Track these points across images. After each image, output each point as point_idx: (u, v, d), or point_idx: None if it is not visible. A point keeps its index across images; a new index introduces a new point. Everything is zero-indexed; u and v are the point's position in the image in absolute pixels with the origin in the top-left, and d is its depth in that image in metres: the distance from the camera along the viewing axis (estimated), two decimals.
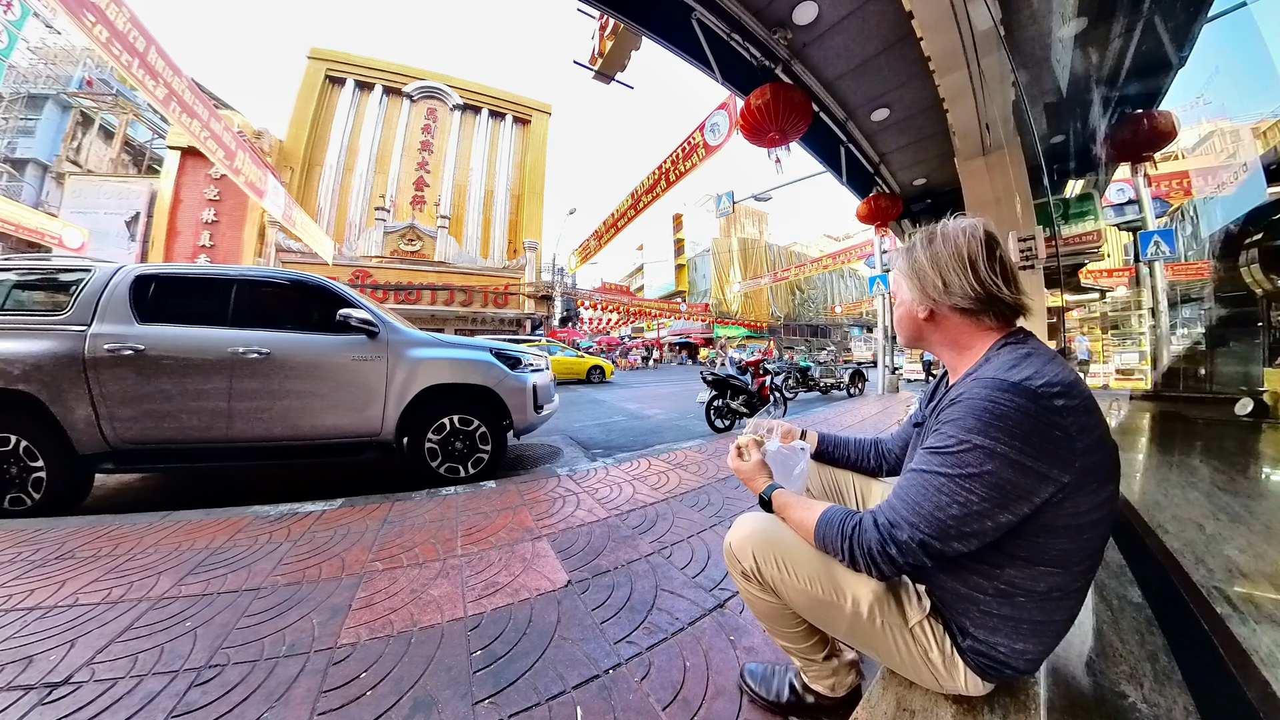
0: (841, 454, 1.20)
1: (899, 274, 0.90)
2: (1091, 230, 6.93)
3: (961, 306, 0.79)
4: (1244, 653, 0.90)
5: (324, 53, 21.59)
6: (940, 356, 0.90)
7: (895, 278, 0.92)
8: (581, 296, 25.03)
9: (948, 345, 0.86)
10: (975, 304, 0.78)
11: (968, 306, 0.79)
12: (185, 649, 1.31)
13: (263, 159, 10.91)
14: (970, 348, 0.82)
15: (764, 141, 4.38)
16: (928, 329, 0.87)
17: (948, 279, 0.79)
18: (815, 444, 1.19)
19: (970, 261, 0.77)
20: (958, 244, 0.79)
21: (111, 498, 3.09)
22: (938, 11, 3.36)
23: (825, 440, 1.21)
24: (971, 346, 0.82)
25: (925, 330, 0.87)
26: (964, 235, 0.79)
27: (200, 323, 2.80)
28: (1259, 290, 3.98)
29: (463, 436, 3.16)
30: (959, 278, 0.78)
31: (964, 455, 0.67)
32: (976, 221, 0.81)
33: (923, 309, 0.85)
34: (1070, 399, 0.65)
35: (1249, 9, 3.47)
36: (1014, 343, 0.77)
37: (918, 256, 0.84)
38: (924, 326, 0.87)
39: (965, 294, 0.78)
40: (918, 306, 0.85)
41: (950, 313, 0.82)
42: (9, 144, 18.92)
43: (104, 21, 4.89)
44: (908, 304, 0.88)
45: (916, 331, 0.89)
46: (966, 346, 0.83)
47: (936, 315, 0.84)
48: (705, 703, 1.09)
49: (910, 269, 0.85)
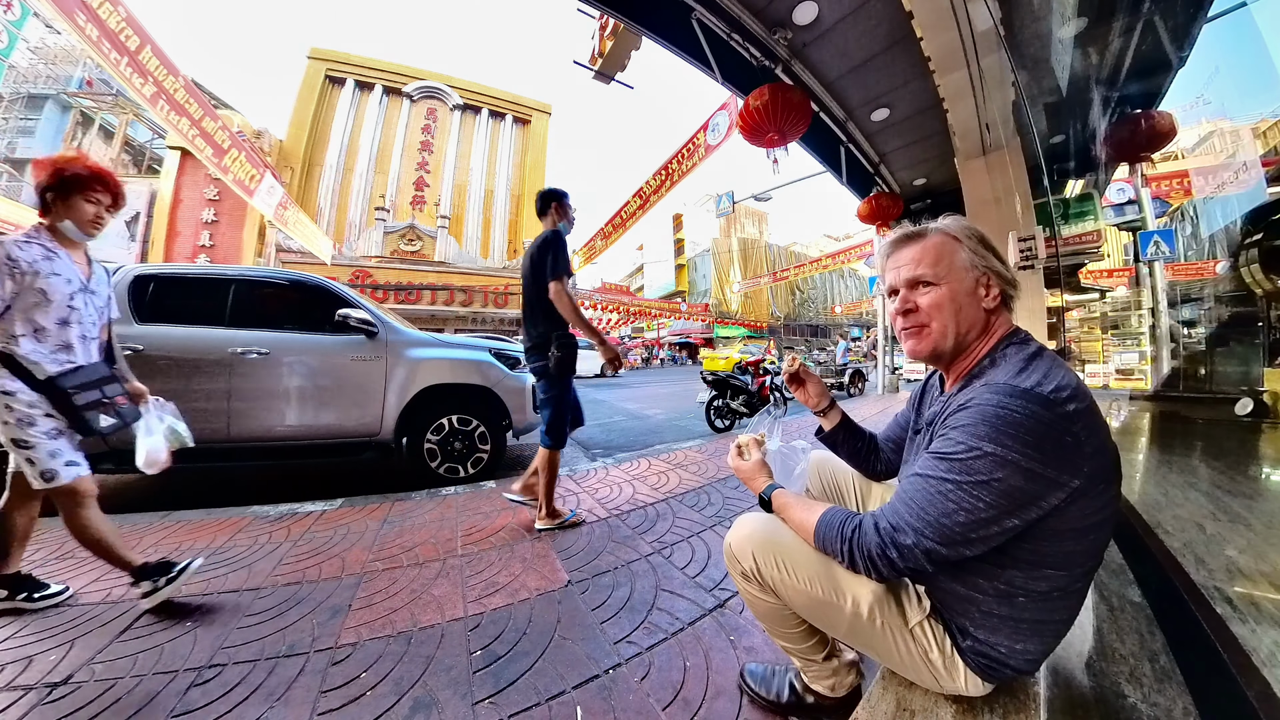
0: (856, 441, 1.16)
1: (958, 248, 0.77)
2: (1091, 230, 6.92)
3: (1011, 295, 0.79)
4: (1244, 653, 0.90)
5: (324, 53, 21.59)
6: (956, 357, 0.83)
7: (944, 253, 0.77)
8: (581, 296, 25.02)
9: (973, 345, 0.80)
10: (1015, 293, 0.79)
11: (1012, 294, 0.79)
12: (185, 649, 1.31)
13: (262, 159, 10.92)
14: (979, 343, 0.80)
15: (763, 142, 4.38)
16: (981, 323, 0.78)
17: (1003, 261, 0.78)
18: (838, 420, 1.17)
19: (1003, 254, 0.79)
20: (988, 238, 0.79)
21: (111, 498, 3.09)
22: (938, 11, 3.36)
23: (848, 421, 1.17)
24: (979, 341, 0.80)
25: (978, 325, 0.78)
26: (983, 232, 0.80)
27: (199, 323, 2.80)
28: (1259, 290, 3.98)
29: (462, 436, 3.16)
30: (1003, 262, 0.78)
31: (974, 462, 0.66)
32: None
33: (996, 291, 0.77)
34: (1079, 403, 0.65)
35: (1249, 9, 3.47)
36: (1018, 342, 0.76)
37: (975, 232, 0.78)
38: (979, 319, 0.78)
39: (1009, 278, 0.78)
40: (989, 290, 0.77)
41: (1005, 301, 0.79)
42: (9, 144, 18.89)
43: (95, 20, 4.90)
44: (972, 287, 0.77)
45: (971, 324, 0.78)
46: (976, 341, 0.80)
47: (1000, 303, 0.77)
48: (705, 703, 1.09)
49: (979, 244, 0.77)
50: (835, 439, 1.18)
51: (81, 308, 1.59)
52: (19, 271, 1.44)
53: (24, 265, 1.45)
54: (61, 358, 1.52)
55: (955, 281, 0.77)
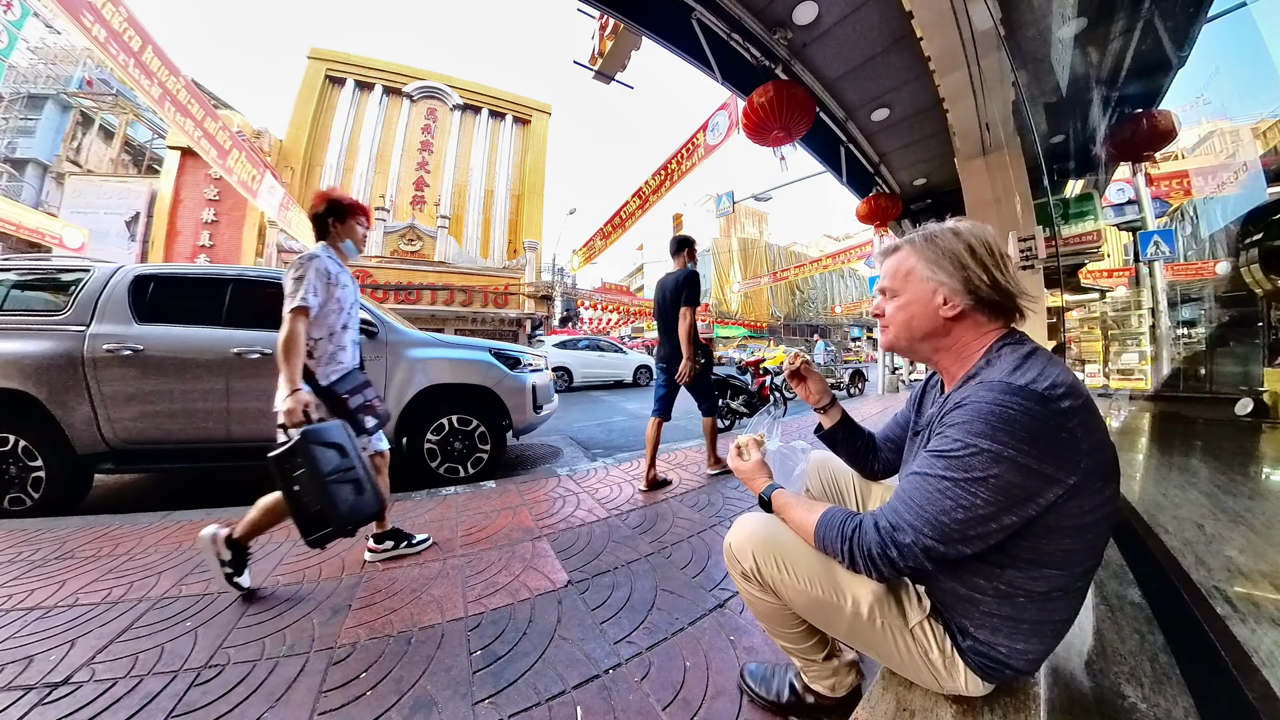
0: (855, 440, 1.15)
1: (918, 262, 0.81)
2: (1091, 230, 6.92)
3: (994, 301, 0.77)
4: (1244, 653, 0.90)
5: (324, 53, 21.57)
6: (937, 360, 0.85)
7: (906, 268, 0.83)
8: (581, 296, 25.00)
9: (952, 347, 0.81)
10: (1004, 299, 0.77)
11: (998, 300, 0.77)
12: (185, 649, 1.31)
13: (262, 159, 10.90)
14: (971, 347, 0.80)
15: (768, 140, 4.37)
16: (943, 329, 0.80)
17: (989, 272, 0.76)
18: (839, 418, 1.16)
19: (1000, 257, 0.77)
20: (985, 239, 0.77)
21: (111, 498, 3.09)
22: (938, 11, 3.35)
23: (848, 419, 1.16)
24: (972, 345, 0.80)
25: (939, 331, 0.81)
26: (987, 232, 0.78)
27: (199, 323, 2.80)
28: (1259, 290, 3.98)
29: (462, 436, 3.16)
30: (998, 272, 0.76)
31: (970, 459, 0.66)
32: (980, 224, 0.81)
33: (955, 304, 0.78)
34: (1074, 400, 0.65)
35: (1249, 9, 3.47)
36: (1013, 343, 0.76)
37: (949, 245, 0.78)
38: (941, 326, 0.80)
39: (1004, 288, 0.76)
40: (946, 301, 0.78)
41: (976, 309, 0.78)
42: (9, 144, 18.89)
43: (100, 21, 4.90)
44: (927, 298, 0.80)
45: (930, 331, 0.82)
46: (967, 346, 0.80)
47: (965, 312, 0.78)
48: (705, 703, 1.09)
49: (940, 256, 0.78)
50: (835, 437, 1.17)
51: (355, 315, 1.84)
52: (330, 282, 1.65)
53: (333, 276, 1.66)
54: (336, 363, 1.75)
55: (910, 293, 0.83)
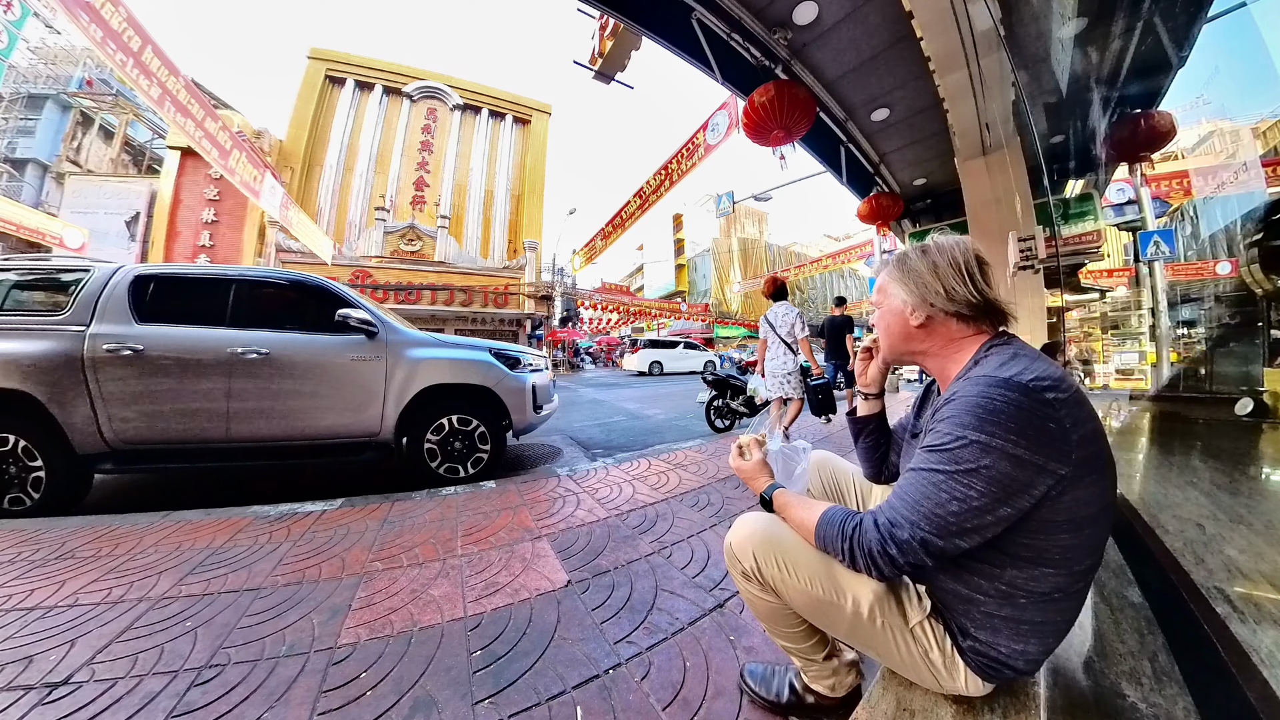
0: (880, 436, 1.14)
1: (890, 281, 0.91)
2: (1091, 230, 6.93)
3: (960, 312, 0.82)
4: (1244, 653, 0.90)
5: (324, 53, 21.57)
6: (927, 365, 0.90)
7: (884, 286, 0.93)
8: (581, 296, 25.01)
9: (936, 353, 0.87)
10: (973, 309, 0.82)
11: (966, 312, 0.82)
12: (185, 649, 1.31)
13: (262, 159, 10.91)
14: (959, 352, 0.84)
15: (768, 140, 4.38)
16: (918, 336, 0.88)
17: (949, 285, 0.82)
18: (879, 409, 1.15)
19: (969, 270, 0.82)
20: (953, 256, 0.83)
21: (111, 498, 3.09)
22: (938, 11, 3.36)
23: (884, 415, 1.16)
24: (960, 350, 0.84)
25: (915, 338, 0.89)
26: (959, 249, 0.84)
27: (199, 323, 2.80)
28: (1259, 290, 3.98)
29: (462, 436, 3.16)
30: (960, 285, 0.81)
31: (960, 451, 0.68)
32: (964, 239, 0.87)
33: (918, 315, 0.86)
34: (1061, 392, 0.67)
35: (1249, 9, 3.47)
36: (1000, 344, 0.80)
37: (915, 265, 0.86)
38: (915, 334, 0.88)
39: (966, 299, 0.81)
40: (913, 313, 0.87)
41: (946, 319, 0.84)
42: (9, 144, 18.88)
43: (98, 21, 4.89)
44: (899, 311, 0.89)
45: (906, 339, 0.90)
46: (955, 351, 0.85)
47: (932, 321, 0.85)
48: (705, 703, 1.09)
49: (906, 275, 0.87)
50: (866, 425, 1.15)
51: None
52: None
53: None
54: None
55: (886, 305, 0.93)
